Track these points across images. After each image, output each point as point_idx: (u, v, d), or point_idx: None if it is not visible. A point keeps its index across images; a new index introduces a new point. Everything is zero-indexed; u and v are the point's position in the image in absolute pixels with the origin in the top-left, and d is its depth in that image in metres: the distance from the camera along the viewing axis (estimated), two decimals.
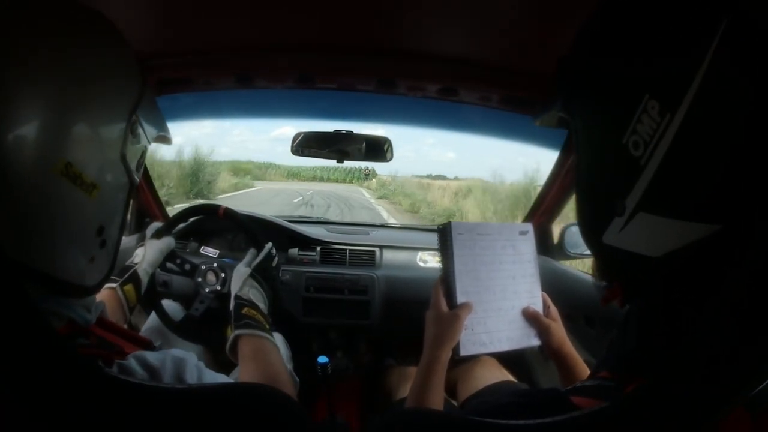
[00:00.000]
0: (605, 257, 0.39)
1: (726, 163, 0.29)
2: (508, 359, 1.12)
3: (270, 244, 0.91)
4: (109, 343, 0.46)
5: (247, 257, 0.88)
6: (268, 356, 0.71)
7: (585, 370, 0.66)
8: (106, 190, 0.43)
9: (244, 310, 0.76)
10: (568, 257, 1.35)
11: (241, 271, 0.84)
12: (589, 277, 1.18)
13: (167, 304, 1.10)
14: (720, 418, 0.28)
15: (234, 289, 0.82)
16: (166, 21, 0.85)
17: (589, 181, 0.40)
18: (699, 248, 0.31)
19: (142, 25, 0.85)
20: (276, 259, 0.90)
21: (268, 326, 0.77)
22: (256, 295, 0.82)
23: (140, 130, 0.47)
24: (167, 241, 1.01)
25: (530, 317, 0.67)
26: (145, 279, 0.91)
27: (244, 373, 0.68)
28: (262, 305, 0.81)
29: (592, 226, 0.39)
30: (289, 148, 1.32)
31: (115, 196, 0.45)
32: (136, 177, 0.48)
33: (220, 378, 0.53)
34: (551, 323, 0.67)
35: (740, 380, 0.27)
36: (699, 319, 0.30)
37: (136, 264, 0.91)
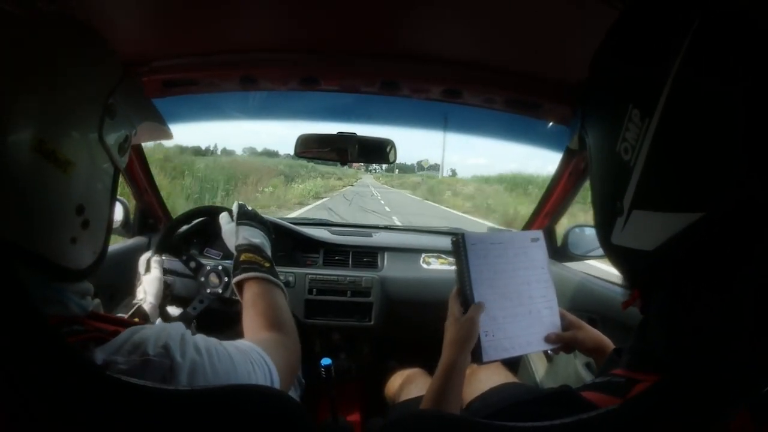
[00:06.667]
0: (615, 257, 0.42)
1: (702, 154, 0.32)
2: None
3: (236, 202, 0.88)
4: (104, 330, 0.46)
5: (224, 219, 0.86)
6: (270, 299, 0.68)
7: None
8: (84, 169, 0.44)
9: (242, 256, 0.74)
10: (572, 259, 1.35)
11: (228, 228, 0.82)
12: (593, 279, 1.18)
13: (171, 311, 1.10)
14: (729, 419, 0.29)
15: (231, 244, 0.80)
16: (170, 23, 0.85)
17: (598, 189, 0.44)
18: (693, 240, 0.33)
19: (145, 27, 0.86)
20: (251, 208, 0.88)
21: (268, 265, 0.74)
22: (252, 233, 0.79)
23: (120, 115, 0.48)
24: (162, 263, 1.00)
25: (553, 341, 0.68)
26: (152, 313, 0.91)
27: (246, 321, 0.65)
28: (260, 240, 0.79)
29: (602, 230, 0.42)
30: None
31: (94, 176, 0.46)
32: (119, 160, 0.50)
33: (202, 340, 0.49)
34: (575, 334, 0.68)
35: (750, 379, 0.27)
36: (709, 316, 0.32)
37: (140, 300, 0.91)
